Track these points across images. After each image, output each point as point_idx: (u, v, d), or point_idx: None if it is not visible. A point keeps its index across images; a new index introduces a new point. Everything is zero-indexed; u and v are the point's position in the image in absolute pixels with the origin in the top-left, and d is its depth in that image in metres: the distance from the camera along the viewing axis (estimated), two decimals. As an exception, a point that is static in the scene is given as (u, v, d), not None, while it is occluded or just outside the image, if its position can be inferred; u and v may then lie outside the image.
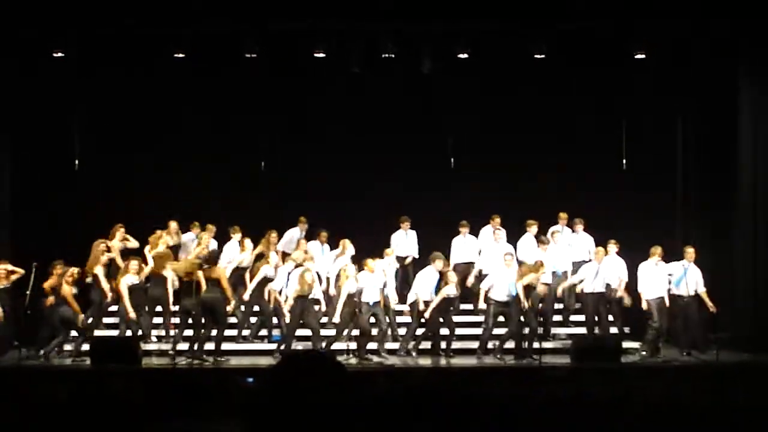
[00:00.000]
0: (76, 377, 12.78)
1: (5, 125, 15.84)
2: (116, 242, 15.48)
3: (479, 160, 17.20)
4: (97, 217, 15.61)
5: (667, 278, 14.71)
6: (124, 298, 14.33)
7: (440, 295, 14.39)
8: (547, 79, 16.31)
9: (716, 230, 15.93)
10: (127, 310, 14.31)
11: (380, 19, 14.85)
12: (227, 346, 14.38)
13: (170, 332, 14.75)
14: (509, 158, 17.17)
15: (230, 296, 14.26)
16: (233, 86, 16.72)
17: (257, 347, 14.90)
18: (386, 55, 15.21)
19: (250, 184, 17.29)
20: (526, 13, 14.77)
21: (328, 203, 16.74)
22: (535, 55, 15.39)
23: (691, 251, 14.83)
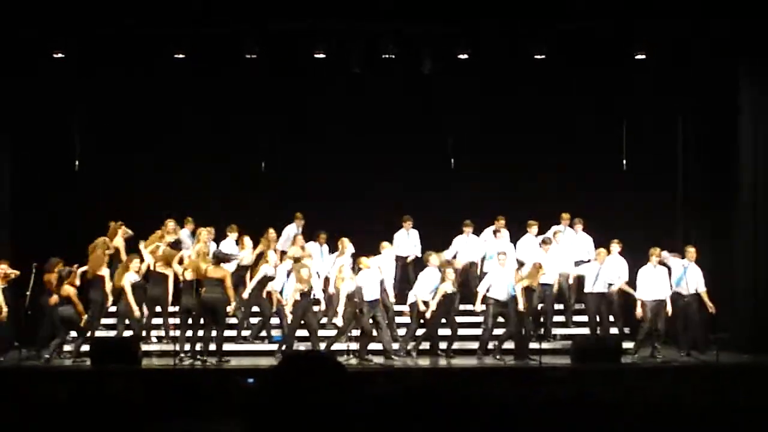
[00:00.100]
0: (76, 378, 12.79)
1: (5, 125, 15.82)
2: (120, 240, 15.46)
3: (479, 160, 17.19)
4: (97, 217, 15.58)
5: (667, 279, 14.69)
6: (128, 295, 14.27)
7: (438, 292, 14.38)
8: (547, 79, 16.29)
9: (716, 230, 15.92)
10: (132, 307, 14.25)
11: (380, 19, 14.84)
12: (227, 346, 14.38)
13: (170, 332, 14.73)
14: (509, 158, 17.16)
15: (232, 297, 14.22)
16: (233, 86, 16.72)
17: (257, 348, 14.89)
18: (386, 55, 15.20)
19: (250, 184, 17.28)
20: (526, 13, 14.77)
21: (328, 203, 16.73)
22: (535, 55, 15.39)
23: (692, 251, 14.83)
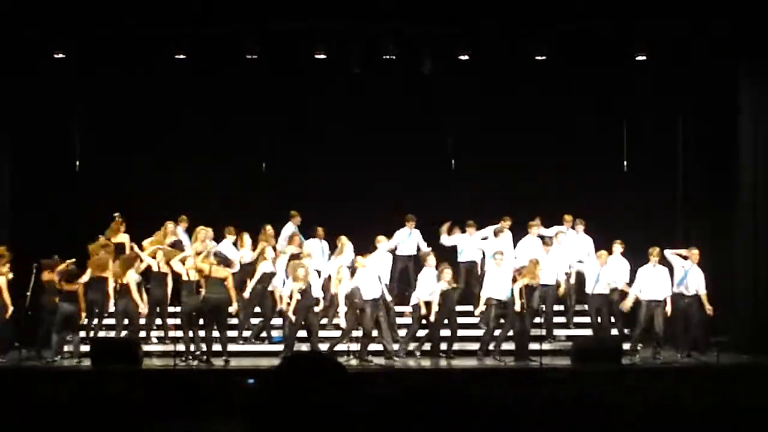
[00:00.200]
0: (76, 378, 12.78)
1: (5, 125, 15.83)
2: (126, 236, 15.44)
3: (479, 160, 17.19)
4: (97, 217, 15.57)
5: (666, 279, 14.67)
6: (133, 292, 14.19)
7: (436, 292, 14.36)
8: (547, 79, 16.29)
9: (716, 230, 15.92)
10: (137, 303, 14.17)
11: (380, 19, 14.84)
12: (228, 347, 14.31)
13: (170, 333, 14.71)
14: (509, 158, 17.16)
15: (234, 297, 14.21)
16: (233, 86, 16.71)
17: (258, 348, 14.87)
18: (386, 56, 15.19)
19: (250, 184, 17.28)
20: (526, 13, 14.77)
21: (328, 203, 16.71)
22: (535, 55, 15.39)
23: (695, 252, 14.79)
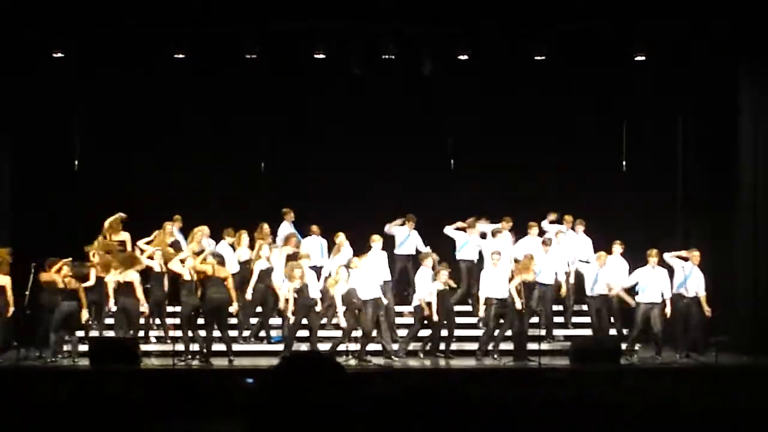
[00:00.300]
0: (75, 378, 12.78)
1: (5, 125, 15.84)
2: (127, 234, 15.43)
3: (479, 160, 17.19)
4: (97, 217, 15.56)
5: (666, 281, 14.65)
6: (137, 290, 14.11)
7: (432, 293, 14.34)
8: (547, 79, 16.29)
9: (716, 230, 15.92)
10: (141, 301, 14.13)
11: (380, 19, 14.84)
12: (224, 346, 14.30)
13: (170, 333, 14.70)
14: (509, 158, 17.16)
15: (234, 297, 14.21)
16: (233, 86, 16.71)
17: (257, 348, 14.87)
18: (386, 56, 15.19)
19: (250, 184, 17.28)
20: (526, 13, 14.76)
21: (328, 203, 16.70)
22: (535, 55, 15.39)
23: (696, 254, 14.77)
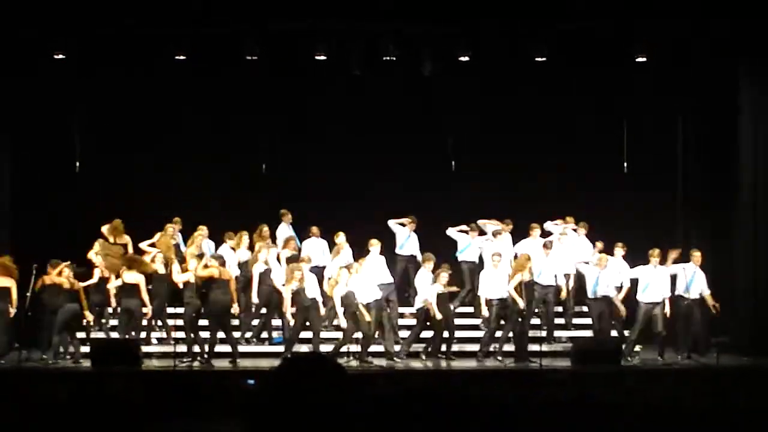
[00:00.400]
0: (76, 378, 12.78)
1: (5, 125, 15.84)
2: (127, 238, 15.43)
3: (479, 160, 17.18)
4: (97, 217, 15.56)
5: (666, 281, 14.65)
6: (142, 291, 14.11)
7: (432, 295, 14.35)
8: (547, 79, 16.28)
9: (716, 230, 15.92)
10: (146, 303, 14.12)
11: (380, 19, 14.84)
12: (227, 347, 14.27)
13: (171, 334, 14.69)
14: (509, 158, 17.15)
15: (235, 298, 14.23)
16: (233, 86, 16.70)
17: (258, 349, 14.86)
18: (387, 57, 15.19)
19: (250, 184, 17.27)
20: (526, 13, 14.76)
21: (328, 203, 16.70)
22: (535, 55, 15.40)
23: (697, 255, 14.75)
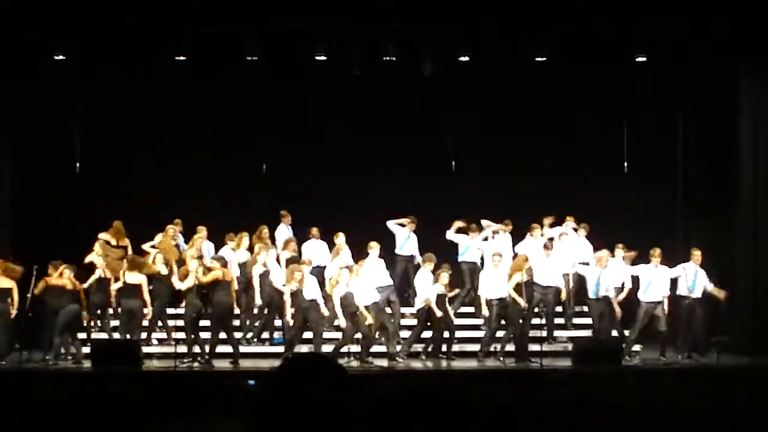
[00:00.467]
0: (76, 379, 12.78)
1: (5, 125, 15.85)
2: (127, 240, 15.44)
3: (479, 160, 17.18)
4: (97, 217, 15.57)
5: (667, 281, 14.65)
6: (144, 292, 14.13)
7: (432, 294, 14.35)
8: (547, 79, 16.28)
9: (716, 230, 15.91)
10: (147, 303, 14.13)
11: (380, 19, 14.84)
12: (227, 348, 14.28)
13: (172, 334, 14.68)
14: (509, 158, 17.15)
15: (235, 299, 14.27)
16: (233, 87, 16.70)
17: (259, 350, 14.86)
18: (387, 57, 15.19)
19: (250, 184, 17.27)
20: (526, 13, 14.77)
21: (328, 203, 16.70)
22: (535, 55, 15.40)
23: (698, 254, 14.76)
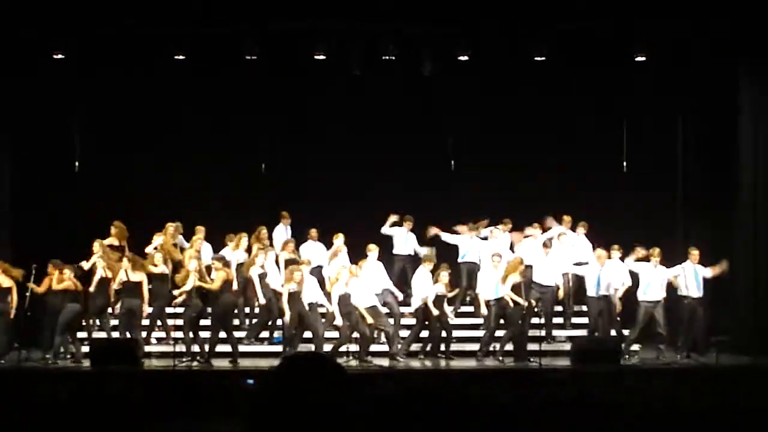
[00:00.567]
0: (76, 378, 12.78)
1: (5, 125, 15.84)
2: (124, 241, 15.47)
3: (479, 160, 17.18)
4: (97, 217, 15.57)
5: (665, 281, 14.65)
6: (144, 291, 14.14)
7: (431, 293, 14.34)
8: (547, 79, 16.28)
9: (716, 230, 15.90)
10: (146, 302, 14.13)
11: (380, 19, 14.84)
12: (227, 347, 14.27)
13: (171, 333, 14.69)
14: (509, 158, 17.15)
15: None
16: (233, 87, 16.69)
17: (258, 349, 14.87)
18: (386, 56, 15.20)
19: (250, 184, 17.27)
20: (526, 13, 14.76)
21: (328, 203, 16.71)
22: (535, 55, 15.40)
23: (695, 253, 14.76)
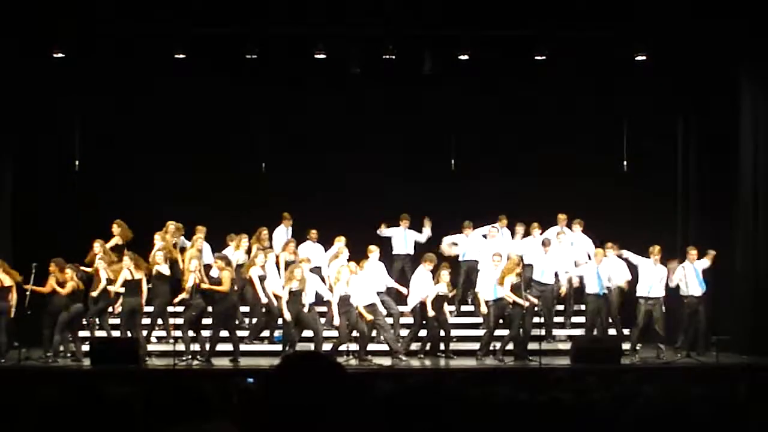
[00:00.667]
0: (76, 378, 12.78)
1: (5, 125, 15.84)
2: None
3: (480, 160, 17.19)
4: (97, 217, 15.59)
5: (664, 279, 14.67)
6: (143, 290, 14.17)
7: (432, 292, 14.34)
8: (547, 79, 16.29)
9: (716, 230, 15.92)
10: (142, 302, 14.18)
11: (380, 20, 14.84)
12: (227, 346, 14.31)
13: (171, 333, 14.70)
14: (509, 158, 17.16)
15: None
16: (234, 86, 16.69)
17: (258, 348, 14.88)
18: (387, 56, 15.21)
19: (250, 184, 17.27)
20: (526, 13, 14.77)
21: (328, 204, 16.72)
22: (535, 56, 15.40)
23: (693, 252, 14.79)
